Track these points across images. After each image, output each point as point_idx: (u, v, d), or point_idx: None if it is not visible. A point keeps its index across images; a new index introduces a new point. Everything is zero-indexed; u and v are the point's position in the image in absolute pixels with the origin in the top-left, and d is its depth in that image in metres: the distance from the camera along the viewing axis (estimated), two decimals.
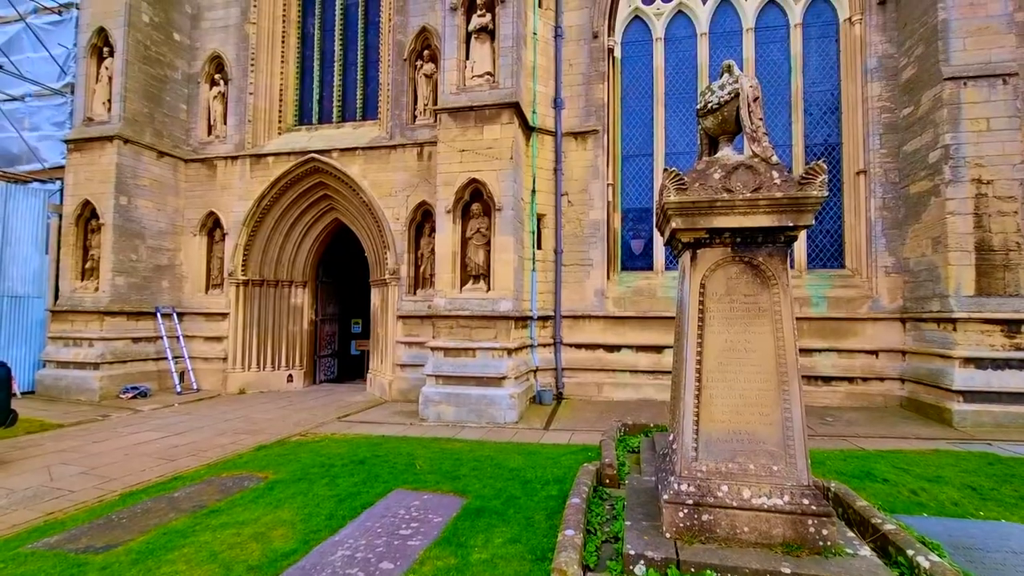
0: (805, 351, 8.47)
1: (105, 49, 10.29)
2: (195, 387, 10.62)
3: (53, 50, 11.58)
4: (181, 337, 10.81)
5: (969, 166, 7.51)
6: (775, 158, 3.18)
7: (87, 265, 10.21)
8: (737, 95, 3.26)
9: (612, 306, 9.46)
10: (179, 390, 10.34)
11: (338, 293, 12.91)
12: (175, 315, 10.89)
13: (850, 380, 8.56)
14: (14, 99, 11.75)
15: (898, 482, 4.79)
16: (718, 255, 3.22)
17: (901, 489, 4.62)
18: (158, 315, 10.63)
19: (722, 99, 3.32)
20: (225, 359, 10.87)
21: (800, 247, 9.12)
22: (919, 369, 8.04)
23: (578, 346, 9.55)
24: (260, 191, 10.64)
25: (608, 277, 9.57)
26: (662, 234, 3.73)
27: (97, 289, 9.96)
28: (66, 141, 10.35)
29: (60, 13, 11.68)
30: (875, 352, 8.55)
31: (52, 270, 10.65)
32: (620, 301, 9.46)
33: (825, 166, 3.05)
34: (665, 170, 3.26)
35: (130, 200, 10.17)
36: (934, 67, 7.76)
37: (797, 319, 8.21)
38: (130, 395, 9.64)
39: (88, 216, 10.17)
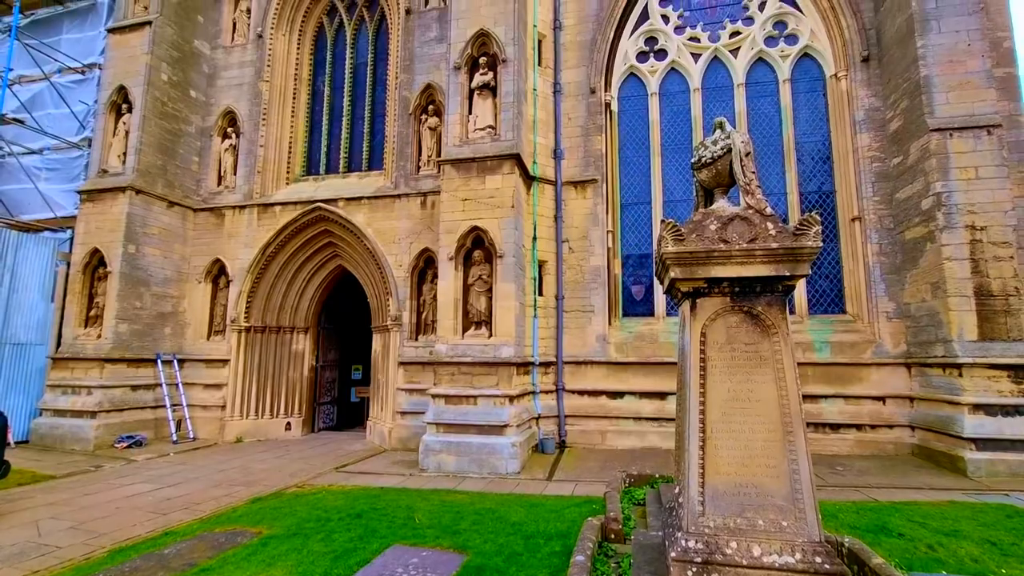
0: (811, 397, 8.36)
1: (124, 105, 10.75)
2: (191, 436, 10.44)
3: (74, 106, 12.11)
4: (180, 384, 10.72)
5: (961, 213, 7.65)
6: (769, 210, 3.27)
7: (91, 312, 10.26)
8: (730, 150, 3.39)
9: (614, 352, 9.42)
10: (175, 439, 10.16)
11: (339, 339, 12.89)
12: (176, 362, 10.84)
13: (858, 427, 8.40)
14: (32, 152, 12.19)
15: (914, 536, 4.62)
16: (717, 304, 3.25)
17: (918, 544, 4.45)
18: (159, 362, 10.59)
19: (715, 154, 3.45)
20: (223, 407, 10.74)
21: (800, 292, 9.16)
22: (928, 416, 7.90)
23: (581, 392, 9.43)
24: (266, 239, 10.83)
25: (610, 323, 9.58)
26: (661, 283, 3.78)
27: (100, 336, 9.98)
28: (80, 192, 10.64)
29: (83, 73, 12.30)
30: (882, 398, 8.43)
31: (56, 317, 10.70)
32: (622, 347, 9.42)
33: (818, 217, 3.13)
34: (662, 221, 3.34)
35: (138, 248, 10.35)
36: (919, 119, 8.05)
37: (801, 365, 8.16)
38: (125, 444, 9.46)
39: (96, 264, 10.32)
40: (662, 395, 8.94)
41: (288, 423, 11.12)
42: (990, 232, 7.57)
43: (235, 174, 11.51)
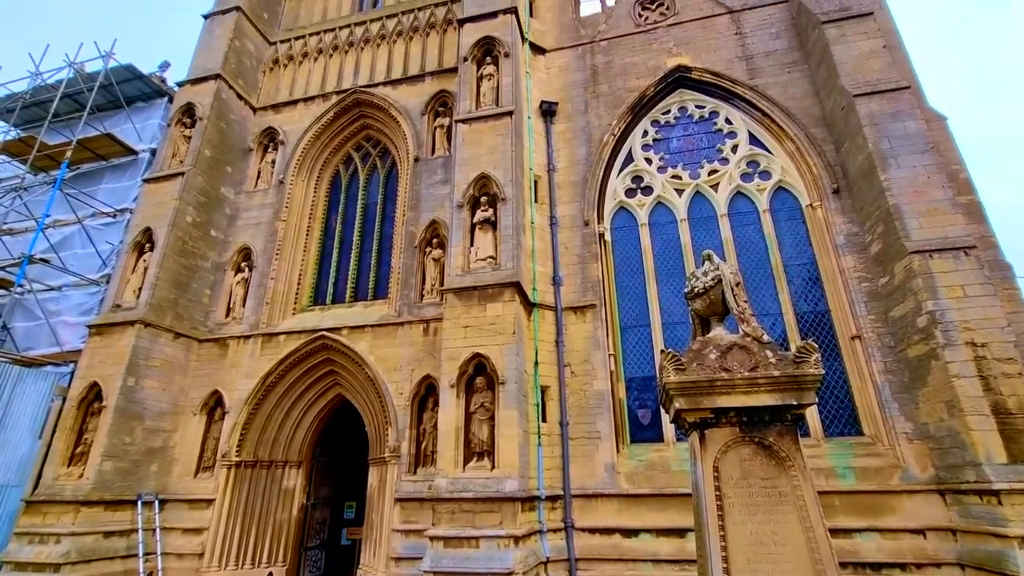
0: (843, 531, 7.66)
1: (147, 245, 11.37)
2: None
3: (100, 247, 12.88)
4: (158, 529, 9.89)
5: (959, 330, 7.70)
6: (766, 337, 3.33)
7: (78, 449, 9.81)
8: (720, 281, 3.56)
9: (625, 482, 8.85)
10: None
11: (333, 474, 12.20)
12: (157, 503, 10.12)
13: (903, 567, 7.55)
14: (52, 289, 12.69)
15: None
16: (727, 436, 3.16)
17: None
18: (139, 504, 9.89)
19: (707, 284, 3.61)
20: (201, 555, 9.79)
21: (813, 414, 8.85)
22: (976, 551, 7.16)
23: (592, 531, 8.66)
24: (268, 368, 10.79)
25: (618, 450, 9.13)
26: (667, 412, 3.70)
27: (82, 476, 9.43)
28: (89, 326, 10.82)
29: (115, 216, 13.28)
30: (921, 531, 7.70)
31: (41, 455, 10.22)
32: (633, 477, 8.87)
33: (816, 344, 3.18)
34: (662, 351, 3.38)
35: (138, 381, 10.25)
36: (898, 242, 8.47)
37: (826, 493, 7.63)
38: None
39: (92, 398, 10.10)
40: (680, 532, 8.20)
41: (270, 574, 10.06)
42: (992, 348, 7.55)
43: (244, 306, 11.83)
